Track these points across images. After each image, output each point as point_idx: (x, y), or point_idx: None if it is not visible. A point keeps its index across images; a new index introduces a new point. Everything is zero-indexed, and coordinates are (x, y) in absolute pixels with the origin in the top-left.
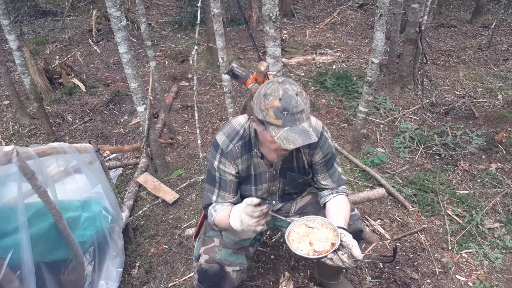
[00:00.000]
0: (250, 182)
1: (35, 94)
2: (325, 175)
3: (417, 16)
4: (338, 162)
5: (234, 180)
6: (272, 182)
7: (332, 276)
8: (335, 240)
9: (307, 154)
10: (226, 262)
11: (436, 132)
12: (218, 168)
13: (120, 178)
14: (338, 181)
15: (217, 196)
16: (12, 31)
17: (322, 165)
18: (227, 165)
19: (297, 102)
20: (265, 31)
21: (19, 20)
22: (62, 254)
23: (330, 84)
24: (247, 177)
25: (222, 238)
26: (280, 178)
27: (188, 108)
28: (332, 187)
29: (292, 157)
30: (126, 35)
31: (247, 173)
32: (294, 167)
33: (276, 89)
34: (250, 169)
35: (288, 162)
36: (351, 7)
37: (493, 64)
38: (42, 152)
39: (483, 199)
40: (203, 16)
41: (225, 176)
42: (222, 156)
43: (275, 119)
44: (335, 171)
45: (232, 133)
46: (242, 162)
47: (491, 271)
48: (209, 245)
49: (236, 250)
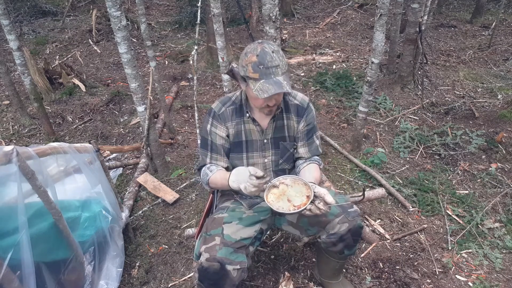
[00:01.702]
0: (242, 149)
1: (35, 94)
2: (304, 143)
3: (417, 16)
4: (318, 136)
5: (225, 145)
6: (263, 152)
7: (332, 275)
8: (309, 193)
9: (295, 121)
10: (227, 261)
11: (436, 132)
12: (210, 132)
13: (120, 178)
14: (313, 151)
15: (210, 158)
16: (12, 31)
17: (304, 133)
18: (218, 127)
19: (272, 58)
20: (265, 31)
21: (19, 20)
22: (62, 254)
23: (330, 84)
24: (238, 143)
25: (223, 237)
26: (272, 149)
27: (188, 108)
28: (307, 156)
29: (283, 126)
30: (126, 35)
31: (238, 139)
32: (285, 137)
33: (255, 48)
34: (241, 135)
35: (279, 131)
36: (351, 7)
37: (493, 64)
38: (42, 152)
39: (483, 199)
40: (203, 16)
41: (216, 140)
42: (214, 118)
43: (252, 73)
44: (313, 142)
45: (225, 99)
46: (232, 126)
47: (491, 271)
48: (210, 244)
49: (236, 248)
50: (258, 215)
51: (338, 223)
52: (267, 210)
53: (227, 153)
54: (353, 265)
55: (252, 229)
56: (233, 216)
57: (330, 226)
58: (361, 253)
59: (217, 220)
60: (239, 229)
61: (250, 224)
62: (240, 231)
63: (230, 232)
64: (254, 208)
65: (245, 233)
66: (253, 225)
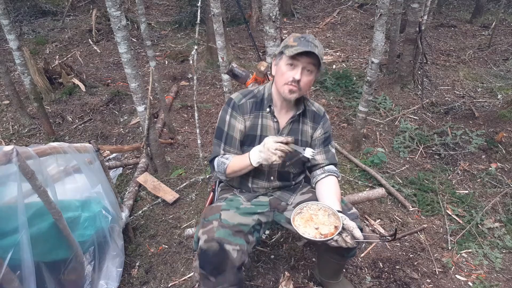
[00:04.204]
0: (254, 143)
1: (35, 94)
2: (320, 150)
3: (417, 16)
4: (333, 145)
5: (240, 139)
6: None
7: (332, 275)
8: (337, 224)
9: (310, 127)
10: (225, 241)
11: (436, 132)
12: (228, 123)
13: (120, 178)
14: (330, 159)
15: (224, 149)
16: (12, 31)
17: (321, 141)
18: (237, 118)
19: (314, 38)
20: (265, 31)
21: (19, 20)
22: (62, 254)
23: (330, 84)
24: (252, 137)
25: (221, 220)
26: None
27: (188, 108)
28: (324, 164)
29: (298, 130)
30: (126, 35)
31: (253, 132)
32: (298, 140)
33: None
34: (256, 129)
35: (293, 133)
36: (351, 7)
37: (493, 64)
38: (42, 152)
39: (483, 199)
40: (203, 16)
41: (232, 132)
42: (234, 109)
43: (292, 42)
44: (329, 150)
45: (246, 91)
46: (249, 118)
47: (491, 271)
48: (208, 227)
49: (235, 232)
50: (255, 207)
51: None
52: (266, 205)
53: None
54: (353, 265)
55: (249, 218)
56: (231, 205)
57: None
58: (361, 253)
59: (215, 207)
60: (236, 215)
61: (248, 214)
62: (238, 217)
63: (227, 217)
64: (252, 201)
65: (243, 220)
66: (251, 215)
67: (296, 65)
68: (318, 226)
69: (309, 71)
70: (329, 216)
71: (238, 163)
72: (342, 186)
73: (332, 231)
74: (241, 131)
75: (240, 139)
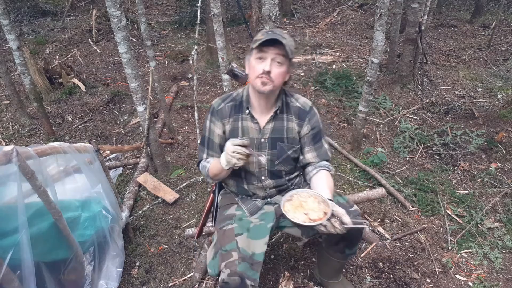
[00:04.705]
0: None
1: (35, 94)
2: (311, 148)
3: (417, 16)
4: (326, 140)
5: (221, 143)
6: (259, 150)
7: (332, 275)
8: (327, 210)
9: (296, 124)
10: (246, 275)
11: (436, 132)
12: (209, 129)
13: (120, 178)
14: (322, 156)
15: (206, 154)
16: (12, 31)
17: (310, 138)
18: (216, 123)
19: (282, 32)
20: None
21: (19, 20)
22: (62, 254)
23: (330, 84)
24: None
25: (240, 251)
26: (269, 149)
27: (188, 108)
28: (316, 161)
29: (282, 128)
30: (126, 35)
31: (234, 135)
32: (283, 138)
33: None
34: (237, 132)
35: (278, 132)
36: (351, 7)
37: (493, 64)
38: (42, 152)
39: (483, 199)
40: (203, 16)
41: (212, 137)
42: (213, 115)
43: (260, 36)
44: (321, 146)
45: (226, 96)
46: (229, 122)
47: (491, 271)
48: (229, 260)
49: (251, 265)
50: (264, 223)
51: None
52: (272, 216)
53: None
54: (353, 265)
55: (261, 241)
56: (242, 227)
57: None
58: (361, 253)
59: (228, 232)
60: (250, 242)
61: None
62: (252, 245)
63: (244, 245)
64: (260, 216)
65: (257, 248)
66: (262, 237)
67: (264, 58)
68: (307, 212)
69: (279, 63)
70: (319, 203)
71: (215, 167)
72: (342, 186)
73: (321, 216)
74: (219, 135)
75: (220, 143)
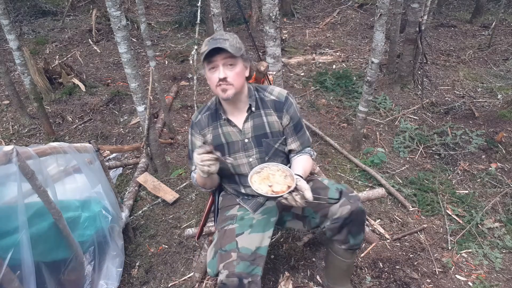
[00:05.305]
0: (224, 152)
1: (35, 94)
2: (294, 139)
3: (417, 16)
4: (305, 129)
5: None
6: (246, 151)
7: (339, 279)
8: (291, 184)
9: (277, 116)
10: (244, 275)
11: (436, 132)
12: (191, 142)
13: (120, 178)
14: (305, 143)
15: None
16: (12, 31)
17: (291, 129)
18: (195, 136)
19: (222, 35)
20: (265, 31)
21: (19, 20)
22: (62, 254)
23: (330, 84)
24: (219, 147)
25: (239, 250)
26: (256, 147)
27: (188, 108)
28: (300, 149)
29: (263, 123)
30: (126, 35)
31: (218, 142)
32: (267, 133)
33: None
34: (220, 138)
35: (259, 129)
36: (351, 7)
37: (493, 64)
38: (42, 152)
39: (483, 199)
40: (203, 16)
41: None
42: (192, 128)
43: (203, 47)
44: (304, 134)
45: (202, 107)
46: (209, 131)
47: (491, 271)
48: (228, 260)
49: (252, 261)
50: (267, 216)
51: (340, 206)
52: (275, 210)
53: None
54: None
55: (265, 234)
56: (244, 225)
57: (333, 212)
58: (361, 253)
59: (229, 232)
60: (252, 238)
61: (263, 230)
62: (254, 240)
63: (245, 243)
64: (262, 211)
65: (260, 241)
66: (266, 230)
67: (216, 66)
68: (272, 184)
69: (231, 65)
70: (286, 178)
71: (199, 177)
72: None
73: (284, 190)
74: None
75: None
